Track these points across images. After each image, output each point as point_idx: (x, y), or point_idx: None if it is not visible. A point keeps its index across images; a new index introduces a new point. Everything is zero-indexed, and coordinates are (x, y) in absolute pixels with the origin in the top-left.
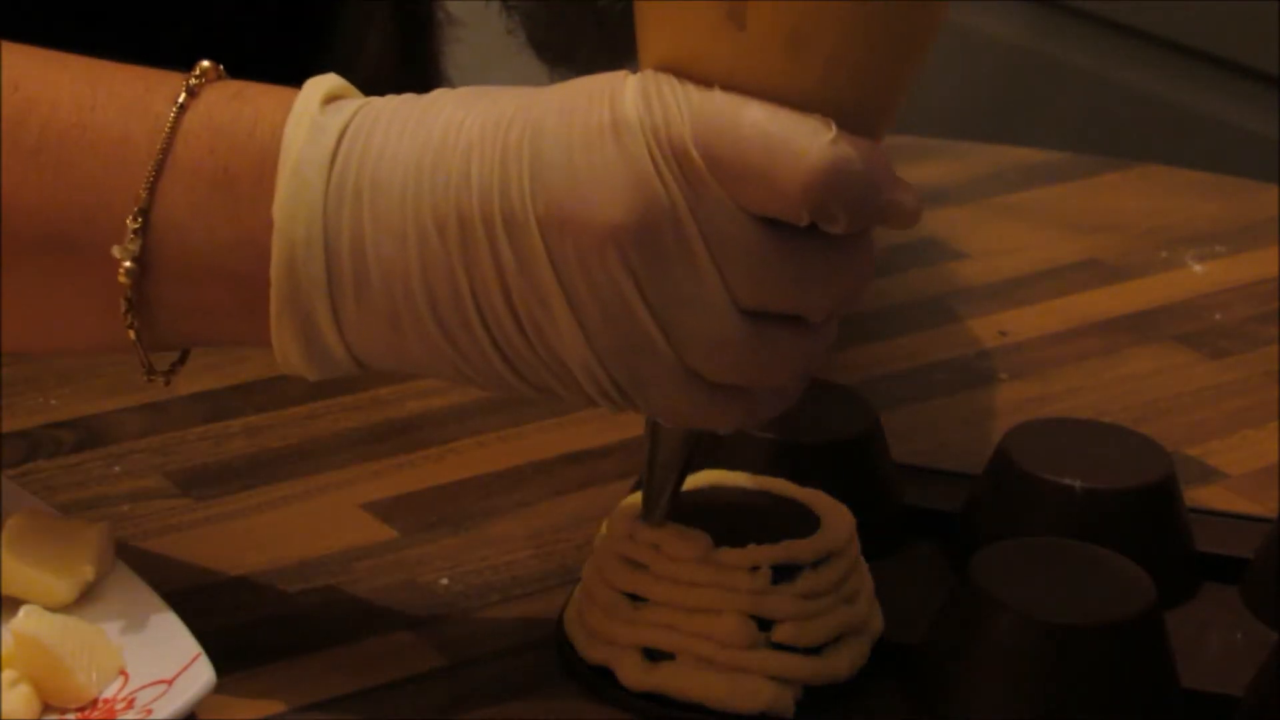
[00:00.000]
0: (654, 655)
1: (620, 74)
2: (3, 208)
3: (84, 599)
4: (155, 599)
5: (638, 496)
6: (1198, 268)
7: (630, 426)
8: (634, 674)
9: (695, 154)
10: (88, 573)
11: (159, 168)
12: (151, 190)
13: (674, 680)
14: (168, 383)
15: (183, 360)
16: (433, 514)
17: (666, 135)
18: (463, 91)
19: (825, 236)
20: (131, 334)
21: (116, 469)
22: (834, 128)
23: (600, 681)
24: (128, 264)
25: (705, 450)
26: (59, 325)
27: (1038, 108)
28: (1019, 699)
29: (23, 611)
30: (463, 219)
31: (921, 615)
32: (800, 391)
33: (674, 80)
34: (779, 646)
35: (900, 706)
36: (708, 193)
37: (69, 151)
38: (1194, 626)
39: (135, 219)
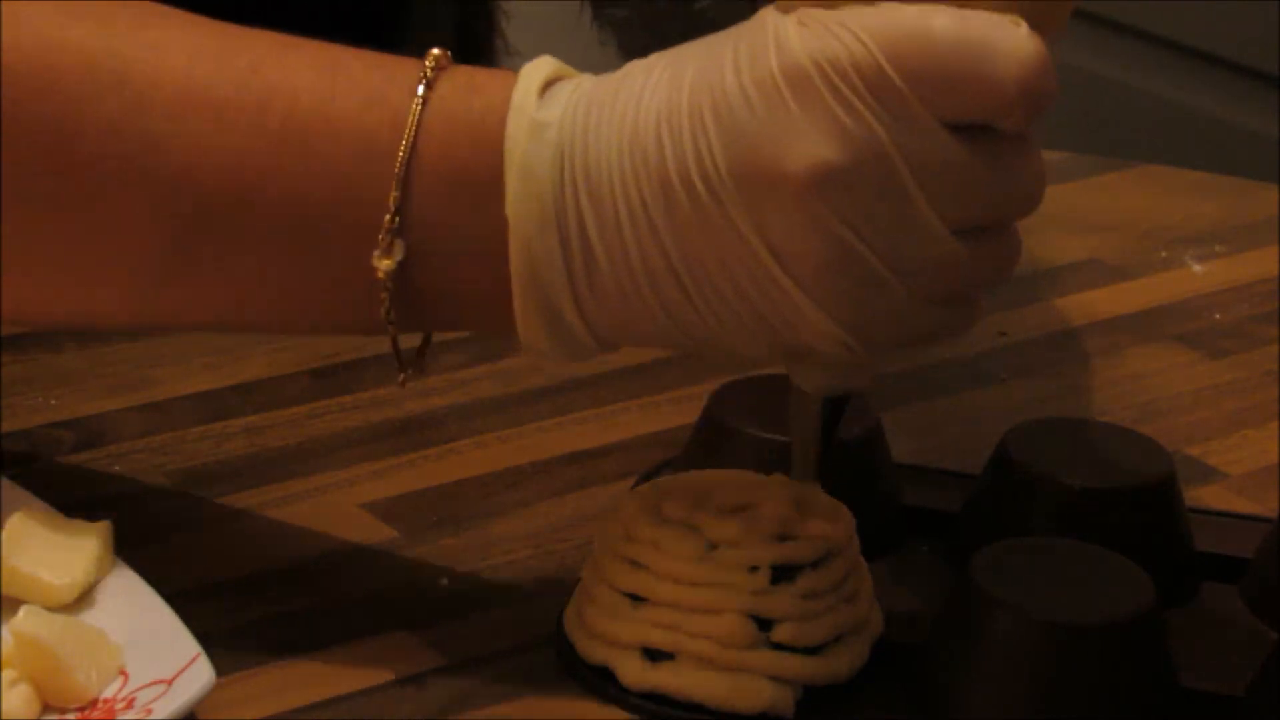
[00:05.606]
0: (654, 655)
1: (775, 15)
2: (251, 197)
3: (84, 599)
4: (155, 599)
5: (637, 496)
6: (1198, 268)
7: (630, 426)
8: (634, 674)
9: (892, 73)
10: (88, 573)
11: (406, 166)
12: (403, 189)
13: (674, 680)
14: (422, 373)
15: (427, 342)
16: (433, 514)
17: (852, 64)
18: (650, 60)
19: (1006, 141)
20: (392, 329)
21: (116, 469)
22: (1021, 21)
23: (600, 681)
24: (387, 263)
25: (705, 450)
26: (308, 311)
27: None
28: (1019, 699)
29: (23, 611)
30: (665, 190)
31: (921, 615)
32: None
33: (822, 9)
34: (779, 646)
35: (900, 706)
36: (908, 113)
37: (313, 142)
38: (1194, 626)
39: (393, 219)
